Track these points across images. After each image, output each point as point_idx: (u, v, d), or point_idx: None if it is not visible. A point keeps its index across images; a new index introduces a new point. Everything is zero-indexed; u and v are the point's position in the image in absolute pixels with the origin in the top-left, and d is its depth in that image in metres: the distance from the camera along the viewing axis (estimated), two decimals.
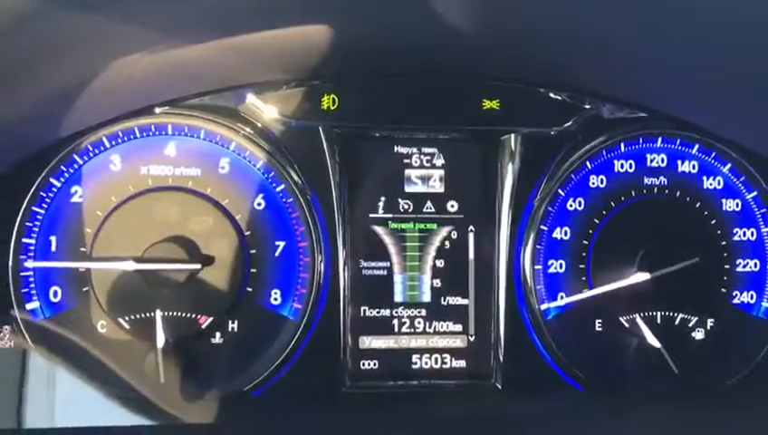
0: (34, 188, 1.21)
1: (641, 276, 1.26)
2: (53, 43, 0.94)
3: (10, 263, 1.20)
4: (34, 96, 1.05)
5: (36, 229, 1.21)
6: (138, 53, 1.03)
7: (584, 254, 1.31)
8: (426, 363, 1.31)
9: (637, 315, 1.29)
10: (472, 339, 1.32)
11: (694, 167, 1.34)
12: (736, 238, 1.33)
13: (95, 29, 0.95)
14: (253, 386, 1.24)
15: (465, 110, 1.29)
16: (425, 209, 1.32)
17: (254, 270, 1.25)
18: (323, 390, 1.27)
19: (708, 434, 1.07)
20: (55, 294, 1.22)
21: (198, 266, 1.20)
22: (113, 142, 1.23)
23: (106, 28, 0.95)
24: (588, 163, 1.32)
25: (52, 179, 1.22)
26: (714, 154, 1.33)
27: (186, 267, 1.19)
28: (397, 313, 1.31)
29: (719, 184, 1.34)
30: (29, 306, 1.21)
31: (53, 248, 1.22)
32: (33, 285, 1.21)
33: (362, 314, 1.30)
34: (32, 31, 0.88)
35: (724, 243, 1.33)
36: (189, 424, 1.15)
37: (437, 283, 1.31)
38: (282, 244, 1.27)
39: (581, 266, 1.31)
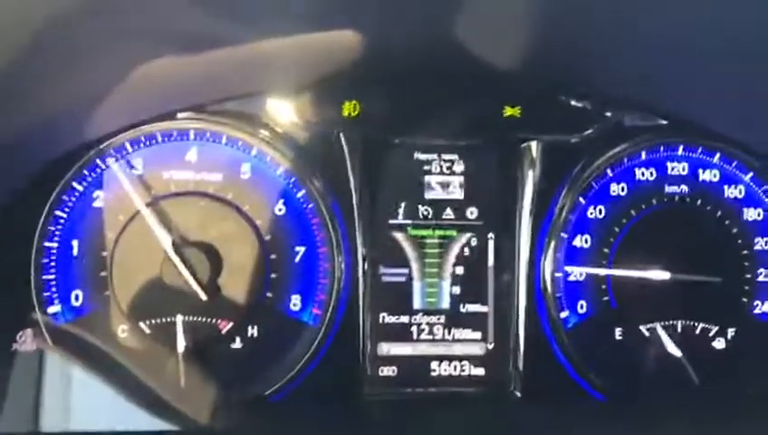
0: (57, 192, 1.21)
1: (660, 274, 1.26)
2: (77, 49, 0.95)
3: (32, 266, 1.21)
4: (58, 101, 1.06)
5: (59, 233, 1.22)
6: (160, 58, 1.04)
7: (604, 262, 1.30)
8: (444, 371, 1.31)
9: (657, 325, 1.29)
10: (491, 347, 1.31)
11: (715, 175, 1.33)
12: (758, 247, 1.32)
13: (119, 35, 0.96)
14: (272, 391, 1.24)
15: (486, 116, 1.29)
16: (444, 216, 1.31)
17: (274, 275, 1.26)
18: (342, 395, 1.27)
19: None
20: (77, 298, 1.22)
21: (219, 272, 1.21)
22: (135, 147, 1.24)
23: (129, 34, 0.96)
24: (609, 171, 1.31)
25: (74, 184, 1.22)
26: (735, 163, 1.33)
27: (206, 273, 1.20)
28: (416, 319, 1.31)
29: (740, 193, 1.33)
30: (50, 310, 1.21)
31: (75, 252, 1.22)
32: (54, 289, 1.22)
33: (381, 321, 1.30)
34: (56, 36, 0.89)
35: (745, 252, 1.32)
36: (209, 428, 1.16)
37: (457, 290, 1.31)
38: (302, 249, 1.27)
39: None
